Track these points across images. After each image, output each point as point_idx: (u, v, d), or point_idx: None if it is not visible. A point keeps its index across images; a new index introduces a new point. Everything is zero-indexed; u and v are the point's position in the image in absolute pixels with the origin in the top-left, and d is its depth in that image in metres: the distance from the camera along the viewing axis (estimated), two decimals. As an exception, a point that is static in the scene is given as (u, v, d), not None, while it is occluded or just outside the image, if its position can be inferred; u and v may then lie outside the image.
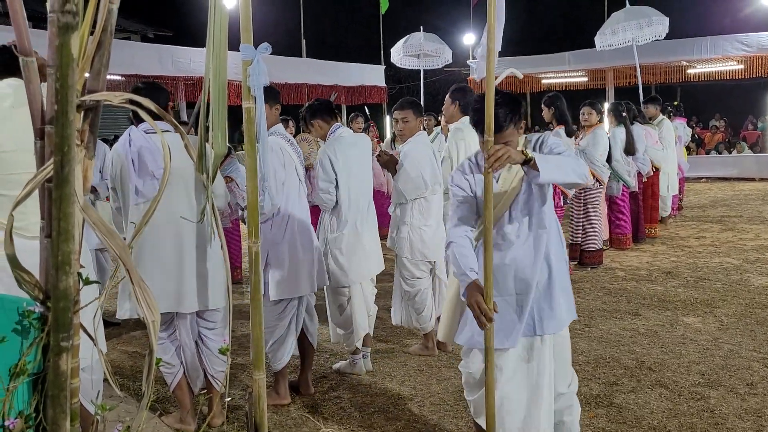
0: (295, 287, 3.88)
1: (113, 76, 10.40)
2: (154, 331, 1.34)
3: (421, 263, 4.57)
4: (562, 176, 2.66)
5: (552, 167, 2.58)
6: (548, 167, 2.56)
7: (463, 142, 4.87)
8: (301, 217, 3.95)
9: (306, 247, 3.93)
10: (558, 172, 2.62)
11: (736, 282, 6.34)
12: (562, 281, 2.89)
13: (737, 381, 4.04)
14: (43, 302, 1.34)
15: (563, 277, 2.91)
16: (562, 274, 2.90)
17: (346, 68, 16.48)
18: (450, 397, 3.99)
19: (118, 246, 1.34)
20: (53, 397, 1.18)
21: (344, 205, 4.20)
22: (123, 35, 19.64)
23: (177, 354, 3.54)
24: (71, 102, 1.16)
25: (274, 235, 3.82)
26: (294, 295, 3.91)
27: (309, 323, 4.15)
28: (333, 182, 4.14)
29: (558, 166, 2.62)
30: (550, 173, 2.57)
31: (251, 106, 2.57)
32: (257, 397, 2.66)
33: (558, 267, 2.88)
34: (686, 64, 15.06)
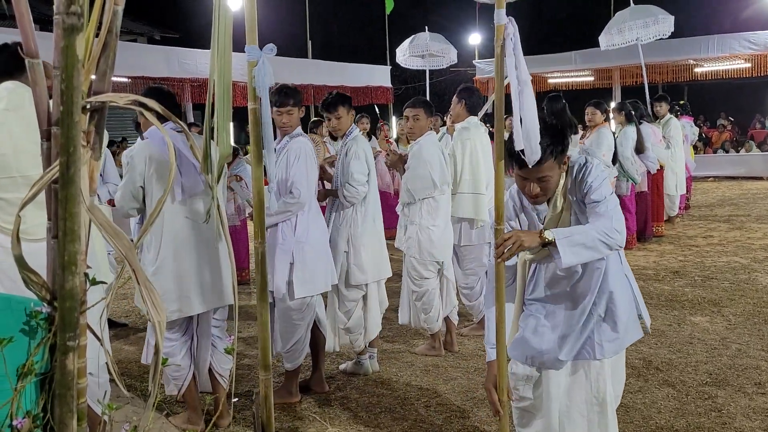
0: (318, 285, 3.96)
1: (120, 78, 10.44)
2: (160, 331, 1.34)
3: (429, 263, 4.57)
4: (588, 256, 2.36)
5: (576, 250, 2.31)
6: (571, 251, 2.31)
7: (469, 141, 4.87)
8: (320, 216, 4.06)
9: (324, 245, 4.03)
10: (583, 254, 2.34)
11: (743, 281, 6.31)
12: (623, 304, 2.61)
13: (745, 380, 4.02)
14: (50, 303, 1.35)
15: (624, 299, 2.63)
16: (622, 297, 2.62)
17: (351, 69, 16.50)
18: (457, 397, 3.99)
19: (125, 247, 1.35)
20: (60, 397, 1.19)
21: (371, 201, 4.28)
22: (130, 37, 19.71)
23: (188, 355, 3.56)
24: (76, 103, 1.17)
25: (299, 235, 3.88)
26: (317, 292, 3.99)
27: (320, 314, 4.19)
28: (367, 174, 4.21)
29: (584, 244, 2.32)
30: (572, 257, 2.31)
31: (256, 107, 2.58)
32: (264, 397, 2.67)
33: (619, 290, 2.61)
34: (693, 62, 14.99)
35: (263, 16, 2.81)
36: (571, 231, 2.38)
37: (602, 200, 2.43)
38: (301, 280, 3.86)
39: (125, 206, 3.42)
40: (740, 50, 14.06)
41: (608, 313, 2.58)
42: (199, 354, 3.58)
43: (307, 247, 3.88)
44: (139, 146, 3.46)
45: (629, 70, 15.58)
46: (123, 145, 13.22)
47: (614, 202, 2.45)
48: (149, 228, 1.45)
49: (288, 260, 3.84)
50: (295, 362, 3.97)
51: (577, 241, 2.32)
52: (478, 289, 5.05)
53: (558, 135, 2.46)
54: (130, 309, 6.22)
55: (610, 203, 2.43)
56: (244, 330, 5.46)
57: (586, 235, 2.34)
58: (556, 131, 2.46)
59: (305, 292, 3.88)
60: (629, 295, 2.66)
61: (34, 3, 5.61)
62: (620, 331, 2.58)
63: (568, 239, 2.32)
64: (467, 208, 4.86)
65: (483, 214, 4.84)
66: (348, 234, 4.20)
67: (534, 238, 2.33)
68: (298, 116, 4.03)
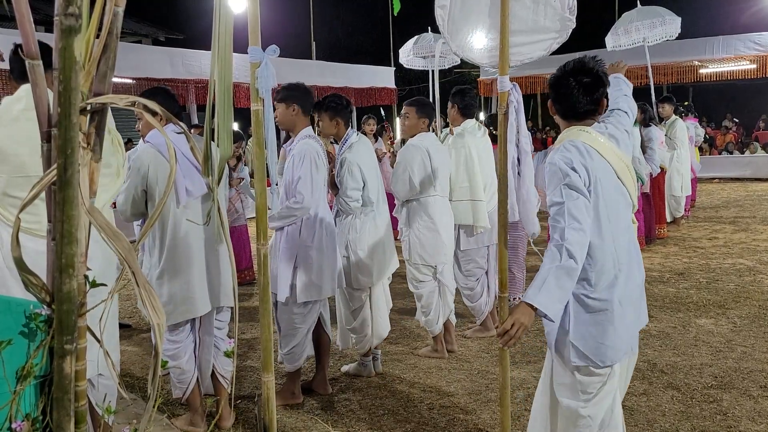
0: (321, 289, 3.91)
1: (124, 79, 10.46)
2: (159, 333, 1.34)
3: (422, 266, 4.56)
4: (566, 295, 2.33)
5: (554, 299, 2.27)
6: (556, 308, 2.29)
7: (463, 149, 4.86)
8: (328, 219, 3.99)
9: (331, 249, 3.96)
10: (563, 300, 2.32)
11: (749, 283, 6.28)
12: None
13: (750, 383, 3.99)
14: (49, 305, 1.34)
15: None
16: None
17: (356, 70, 16.50)
18: (460, 399, 3.97)
19: (124, 249, 1.34)
20: (57, 400, 1.18)
21: (371, 205, 4.24)
22: (134, 38, 19.74)
23: (192, 357, 3.54)
24: (74, 105, 1.16)
25: (304, 238, 3.84)
26: (320, 297, 3.94)
27: (325, 316, 4.15)
28: (360, 189, 4.16)
29: (559, 286, 2.27)
30: (557, 306, 2.30)
31: (259, 109, 2.57)
32: (266, 399, 2.67)
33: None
34: (698, 63, 14.94)
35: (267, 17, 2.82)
36: (539, 282, 2.29)
37: (558, 200, 2.35)
38: (304, 284, 3.83)
39: (128, 210, 3.39)
40: (745, 51, 14.01)
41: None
42: (202, 355, 3.58)
43: (312, 251, 3.85)
44: (141, 150, 3.45)
45: (634, 72, 15.51)
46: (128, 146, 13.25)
47: (572, 202, 2.32)
48: (149, 230, 1.44)
49: (292, 263, 3.82)
50: (294, 364, 3.96)
51: (552, 291, 2.26)
52: (478, 290, 5.05)
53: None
54: (133, 310, 6.22)
55: (567, 204, 2.32)
56: (247, 331, 5.46)
57: (552, 277, 2.27)
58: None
59: (308, 296, 3.86)
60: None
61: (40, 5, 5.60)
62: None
63: (545, 294, 2.26)
64: (465, 216, 4.85)
65: (482, 221, 4.83)
66: (346, 240, 4.19)
67: (528, 316, 2.29)
68: (290, 114, 3.90)
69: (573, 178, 2.34)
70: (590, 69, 2.50)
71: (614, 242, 2.44)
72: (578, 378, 2.48)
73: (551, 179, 2.40)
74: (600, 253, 2.41)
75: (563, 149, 2.42)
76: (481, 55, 3.15)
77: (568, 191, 2.33)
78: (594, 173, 2.39)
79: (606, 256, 2.42)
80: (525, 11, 2.92)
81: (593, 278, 2.41)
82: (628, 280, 2.48)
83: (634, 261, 2.55)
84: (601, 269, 2.41)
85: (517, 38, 2.89)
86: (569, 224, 2.29)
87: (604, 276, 2.42)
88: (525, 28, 2.94)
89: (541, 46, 2.98)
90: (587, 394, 2.49)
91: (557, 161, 2.38)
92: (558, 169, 2.37)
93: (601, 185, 2.41)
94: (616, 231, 2.46)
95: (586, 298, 2.43)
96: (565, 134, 2.53)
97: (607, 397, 2.51)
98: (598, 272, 2.41)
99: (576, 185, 2.34)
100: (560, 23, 2.93)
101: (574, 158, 2.38)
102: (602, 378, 2.48)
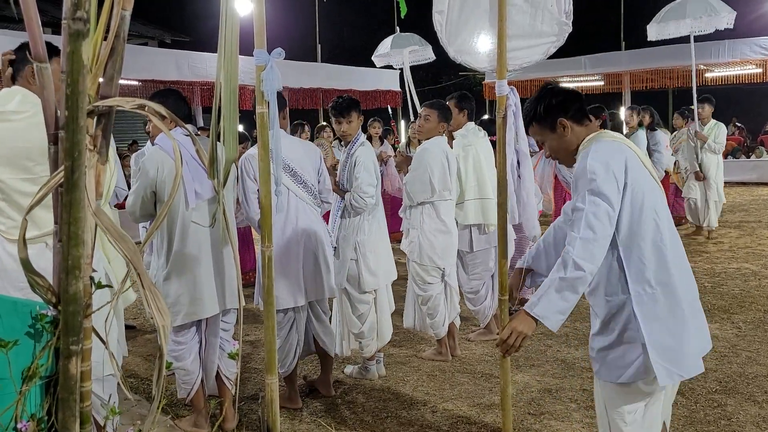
0: (290, 298, 3.80)
1: (131, 81, 10.49)
2: (165, 335, 1.34)
3: (431, 269, 4.56)
4: (568, 306, 2.28)
5: (554, 310, 2.25)
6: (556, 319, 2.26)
7: (471, 147, 4.88)
8: (302, 226, 3.83)
9: (308, 255, 3.84)
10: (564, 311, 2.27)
11: (754, 288, 6.26)
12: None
13: (755, 388, 3.98)
14: (55, 306, 1.35)
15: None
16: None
17: (360, 73, 16.52)
18: (463, 402, 3.97)
19: (130, 250, 1.35)
20: (63, 401, 1.19)
21: (379, 207, 4.27)
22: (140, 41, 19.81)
23: (197, 358, 3.55)
24: (81, 108, 1.18)
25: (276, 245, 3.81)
26: (288, 306, 3.81)
27: (320, 329, 4.05)
28: (375, 185, 4.17)
29: (561, 297, 2.25)
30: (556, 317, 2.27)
31: (264, 111, 2.58)
32: (270, 401, 2.67)
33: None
34: (704, 67, 14.92)
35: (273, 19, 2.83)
36: (541, 291, 2.28)
37: (582, 208, 2.28)
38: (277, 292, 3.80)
39: (137, 212, 3.41)
40: (751, 55, 13.98)
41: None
42: (207, 356, 3.58)
43: (280, 258, 3.66)
44: (150, 152, 3.47)
45: (639, 75, 15.55)
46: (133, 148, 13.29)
47: (593, 212, 2.25)
48: (155, 232, 1.45)
49: None
50: (284, 368, 3.89)
51: (551, 296, 2.25)
52: (482, 293, 5.04)
53: (530, 103, 2.49)
54: (138, 311, 6.24)
55: (587, 214, 2.26)
56: (251, 333, 5.47)
57: (552, 287, 2.25)
58: (530, 100, 2.50)
59: (279, 304, 3.69)
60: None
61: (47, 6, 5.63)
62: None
63: (545, 303, 2.25)
64: (475, 215, 4.85)
65: (492, 218, 4.81)
66: (354, 242, 4.17)
67: (528, 324, 2.28)
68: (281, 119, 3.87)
69: (600, 183, 2.25)
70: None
71: (663, 237, 2.34)
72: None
73: (577, 183, 2.34)
74: (651, 248, 2.31)
75: (596, 150, 2.33)
76: (480, 60, 3.16)
77: (591, 198, 2.25)
78: (631, 168, 2.31)
79: (658, 251, 2.32)
80: (522, 16, 2.94)
81: (652, 278, 2.31)
82: (683, 276, 2.38)
83: (685, 257, 2.46)
84: (657, 267, 2.31)
85: (514, 43, 2.91)
86: (583, 235, 2.24)
87: (662, 274, 2.31)
88: (522, 33, 2.95)
89: (538, 51, 3.00)
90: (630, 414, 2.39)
91: (589, 163, 2.29)
92: (588, 171, 2.28)
93: (641, 178, 2.34)
94: (662, 224, 2.35)
95: (652, 302, 2.30)
96: (588, 141, 2.44)
97: (656, 421, 2.43)
98: (655, 271, 2.30)
99: (601, 190, 2.25)
100: (557, 27, 2.95)
101: (609, 157, 2.30)
102: (645, 399, 2.38)
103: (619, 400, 2.40)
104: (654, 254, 2.32)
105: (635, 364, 2.31)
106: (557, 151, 2.53)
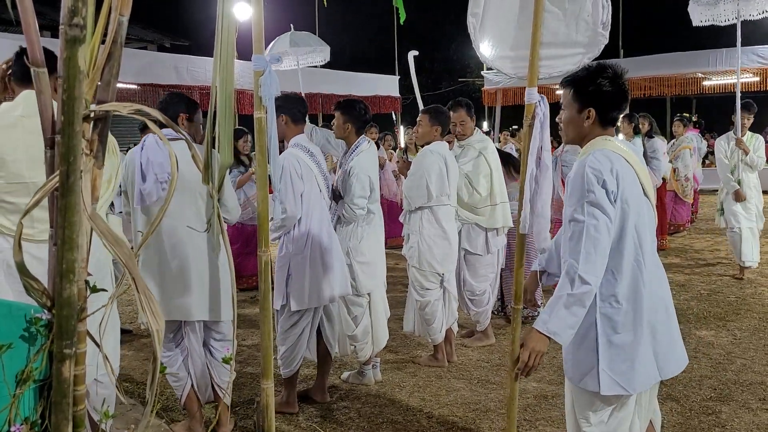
0: (316, 298, 3.88)
1: (130, 85, 10.52)
2: (159, 339, 1.35)
3: (430, 274, 4.57)
4: (577, 321, 2.31)
5: (565, 326, 2.28)
6: (565, 334, 2.30)
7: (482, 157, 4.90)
8: (323, 227, 3.94)
9: (328, 257, 3.92)
10: (574, 325, 2.31)
11: (749, 295, 6.27)
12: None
13: (749, 396, 3.99)
14: (50, 309, 1.36)
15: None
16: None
17: (360, 78, 16.59)
18: (459, 408, 3.97)
19: (125, 254, 1.35)
20: (56, 404, 1.19)
21: (376, 213, 4.27)
22: (140, 44, 19.85)
23: (184, 365, 3.54)
24: (77, 113, 1.18)
25: (298, 247, 3.84)
26: (313, 305, 3.92)
27: (329, 331, 4.15)
28: (367, 197, 4.17)
29: (570, 313, 2.27)
30: (567, 332, 2.31)
31: (262, 116, 2.59)
32: (265, 406, 2.67)
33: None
34: (702, 76, 14.99)
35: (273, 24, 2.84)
36: (550, 308, 2.31)
37: (582, 221, 2.29)
38: (297, 292, 3.83)
39: (123, 209, 3.63)
40: (748, 64, 14.02)
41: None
42: (193, 365, 3.55)
43: (304, 260, 3.83)
44: (129, 152, 3.55)
45: (637, 83, 15.60)
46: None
47: (593, 225, 2.26)
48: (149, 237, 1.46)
49: (285, 272, 3.84)
50: (288, 369, 3.95)
51: (563, 318, 2.27)
52: (488, 295, 5.08)
53: (584, 70, 2.52)
54: (134, 315, 6.23)
55: (588, 227, 2.26)
56: (248, 338, 5.46)
57: (555, 301, 2.29)
58: (587, 69, 2.51)
59: (299, 305, 3.85)
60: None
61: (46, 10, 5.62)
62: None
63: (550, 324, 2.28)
64: (504, 218, 4.99)
65: (509, 220, 5.04)
66: (347, 247, 4.19)
67: (544, 341, 2.31)
68: (281, 124, 3.91)
69: (598, 195, 2.26)
70: (622, 76, 2.48)
71: (643, 255, 2.37)
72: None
73: (574, 190, 2.33)
74: (627, 265, 2.35)
75: (594, 160, 2.32)
76: (511, 65, 3.14)
77: (591, 209, 2.26)
78: (623, 182, 2.33)
79: (633, 269, 2.37)
80: (557, 23, 2.87)
81: (620, 294, 2.35)
82: (653, 297, 2.42)
83: (662, 278, 2.50)
84: (628, 284, 2.36)
85: (547, 51, 2.84)
86: (586, 248, 2.25)
87: (631, 293, 2.36)
88: (556, 41, 2.88)
89: (571, 60, 2.93)
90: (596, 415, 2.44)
91: (586, 173, 2.29)
92: (585, 181, 2.29)
93: (630, 195, 2.35)
94: (643, 243, 2.38)
95: (615, 316, 2.35)
96: (590, 146, 2.43)
97: (621, 426, 2.45)
98: (625, 287, 2.35)
99: (599, 202, 2.26)
100: (592, 38, 2.89)
101: (604, 169, 2.30)
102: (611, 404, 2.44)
103: (585, 401, 2.45)
104: (630, 272, 2.36)
105: (592, 372, 2.37)
106: (567, 123, 2.52)
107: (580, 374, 2.42)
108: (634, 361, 2.36)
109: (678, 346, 2.53)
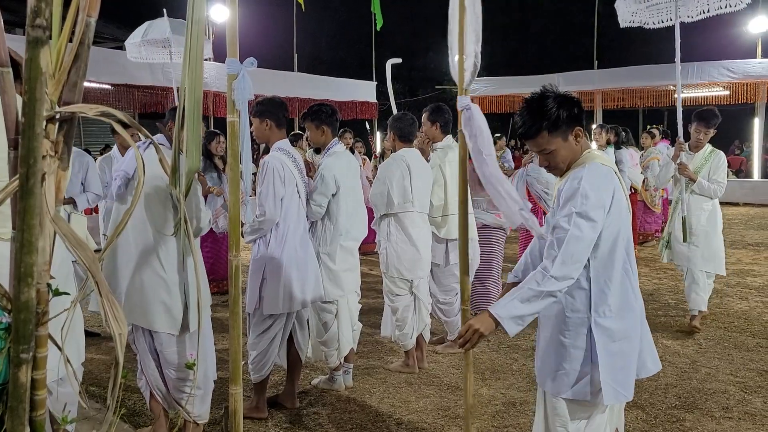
0: (288, 302, 3.87)
1: (104, 85, 10.40)
2: (121, 344, 1.33)
3: (398, 280, 4.58)
4: (532, 311, 2.31)
5: (515, 315, 2.28)
6: (513, 321, 2.29)
7: (454, 164, 4.90)
8: (300, 233, 3.95)
9: (302, 262, 3.92)
10: (524, 319, 2.31)
11: (716, 306, 6.38)
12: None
13: (713, 404, 4.06)
14: (10, 312, 1.33)
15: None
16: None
17: (337, 83, 16.59)
18: (429, 415, 3.98)
19: (88, 258, 1.34)
20: (11, 409, 1.17)
21: (342, 217, 4.19)
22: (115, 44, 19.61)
23: (142, 374, 3.45)
24: (38, 115, 1.17)
25: (272, 250, 3.82)
26: (287, 310, 3.91)
27: (300, 336, 4.14)
28: (329, 197, 4.14)
29: (525, 306, 2.29)
30: (515, 326, 2.30)
31: (235, 120, 2.58)
32: (234, 411, 2.65)
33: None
34: (673, 88, 15.27)
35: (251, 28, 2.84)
36: (509, 296, 2.33)
37: (566, 229, 2.30)
38: (270, 297, 3.82)
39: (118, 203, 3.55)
40: (719, 78, 14.33)
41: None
42: (147, 374, 3.45)
43: (279, 264, 3.82)
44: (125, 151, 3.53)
45: (611, 94, 15.86)
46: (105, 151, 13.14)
47: (576, 237, 2.28)
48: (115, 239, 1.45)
49: (260, 275, 3.82)
50: (259, 374, 3.93)
51: (517, 308, 2.29)
52: (456, 306, 5.07)
53: (539, 109, 2.36)
54: (102, 318, 6.14)
55: (570, 237, 2.28)
56: (218, 342, 5.41)
57: (516, 290, 2.32)
58: (536, 105, 2.37)
59: (273, 309, 3.84)
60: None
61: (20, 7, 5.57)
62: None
63: (510, 305, 2.30)
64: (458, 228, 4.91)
65: (474, 231, 4.97)
66: (317, 250, 4.18)
67: (487, 324, 2.31)
68: (264, 128, 3.93)
69: (589, 207, 2.27)
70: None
71: (630, 263, 2.43)
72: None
73: (566, 200, 2.33)
74: (617, 275, 2.39)
75: (588, 176, 2.32)
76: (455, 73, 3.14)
77: (577, 221, 2.27)
78: (616, 193, 2.36)
79: (623, 278, 2.41)
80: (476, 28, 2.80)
81: (612, 303, 2.38)
82: (639, 301, 2.49)
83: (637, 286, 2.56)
84: (620, 293, 2.40)
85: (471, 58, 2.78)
86: (563, 256, 2.27)
87: (623, 301, 2.40)
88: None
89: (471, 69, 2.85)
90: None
91: (582, 187, 2.30)
92: (579, 193, 2.29)
93: (620, 205, 2.38)
94: (630, 251, 2.44)
95: (611, 326, 2.37)
96: (582, 161, 2.43)
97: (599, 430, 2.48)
98: (617, 296, 2.39)
99: (589, 215, 2.28)
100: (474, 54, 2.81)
101: (599, 182, 2.32)
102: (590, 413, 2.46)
103: (562, 411, 2.46)
104: (620, 280, 2.41)
105: (583, 382, 2.38)
106: (563, 160, 2.44)
107: (566, 385, 2.41)
108: (630, 367, 2.40)
109: (652, 345, 2.59)
